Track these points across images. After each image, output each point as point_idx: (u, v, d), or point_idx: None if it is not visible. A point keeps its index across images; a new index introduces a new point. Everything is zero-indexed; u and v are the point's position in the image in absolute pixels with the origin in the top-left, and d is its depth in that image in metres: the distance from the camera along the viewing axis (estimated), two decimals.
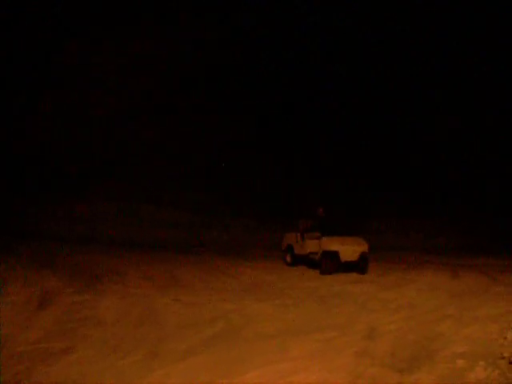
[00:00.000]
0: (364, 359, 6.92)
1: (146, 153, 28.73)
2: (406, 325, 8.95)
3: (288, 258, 17.67)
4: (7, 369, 6.15)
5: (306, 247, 16.69)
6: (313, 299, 11.27)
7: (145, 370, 6.35)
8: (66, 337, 7.63)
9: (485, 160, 34.25)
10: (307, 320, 9.12)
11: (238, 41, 31.49)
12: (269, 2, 31.97)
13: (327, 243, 15.86)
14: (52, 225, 23.71)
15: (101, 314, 9.12)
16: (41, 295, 10.17)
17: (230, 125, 30.28)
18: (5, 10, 26.62)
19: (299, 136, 31.61)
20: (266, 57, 32.50)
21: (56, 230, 22.96)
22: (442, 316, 9.62)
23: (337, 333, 8.32)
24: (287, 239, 17.92)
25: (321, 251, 15.97)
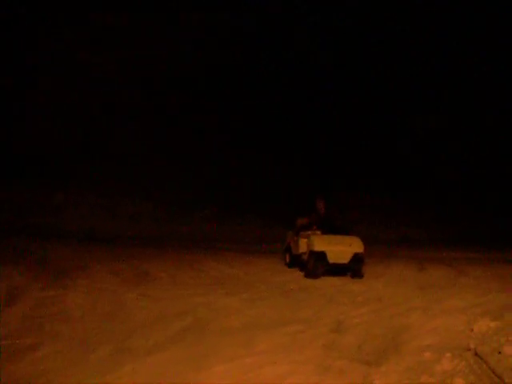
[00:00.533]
0: (331, 352, 6.92)
1: (138, 149, 28.65)
2: (374, 318, 8.98)
3: (287, 259, 16.07)
4: None
5: (299, 247, 15.11)
6: (281, 293, 11.27)
7: (112, 365, 6.28)
8: (33, 333, 7.53)
9: (467, 154, 34.65)
10: (275, 314, 9.11)
11: (238, 41, 31.45)
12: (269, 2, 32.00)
13: (313, 242, 13.94)
14: (24, 216, 23.46)
15: (68, 310, 9.02)
16: (7, 292, 10.03)
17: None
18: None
19: (283, 125, 31.73)
20: (266, 57, 32.56)
21: (27, 222, 22.74)
22: (410, 309, 9.67)
23: (304, 326, 8.32)
24: (287, 238, 16.31)
25: (307, 251, 14.25)
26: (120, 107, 29.07)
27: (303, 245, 14.74)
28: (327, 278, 13.72)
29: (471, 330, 7.82)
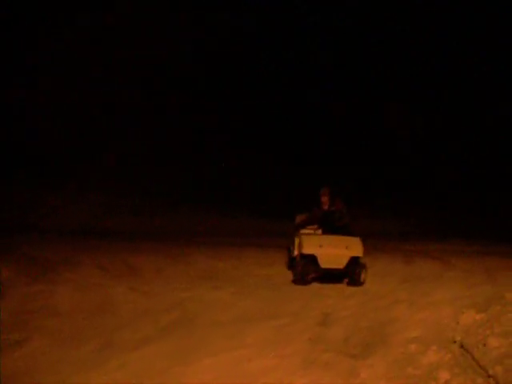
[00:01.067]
0: (318, 345, 6.98)
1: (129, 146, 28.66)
2: (360, 311, 9.04)
3: (288, 260, 14.20)
4: None
5: (294, 248, 13.12)
6: (268, 287, 11.31)
7: (100, 360, 6.33)
8: (21, 328, 7.54)
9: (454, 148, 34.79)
10: (262, 307, 9.16)
11: (238, 41, 31.43)
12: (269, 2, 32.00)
13: (302, 243, 12.12)
14: (13, 212, 23.37)
15: (56, 305, 9.02)
16: None
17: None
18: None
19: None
20: (266, 57, 32.56)
21: (15, 218, 22.66)
22: (396, 301, 9.72)
23: (291, 320, 8.37)
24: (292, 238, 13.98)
25: (298, 254, 12.43)
26: (120, 107, 29.02)
27: (296, 246, 12.77)
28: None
29: (457, 323, 7.86)
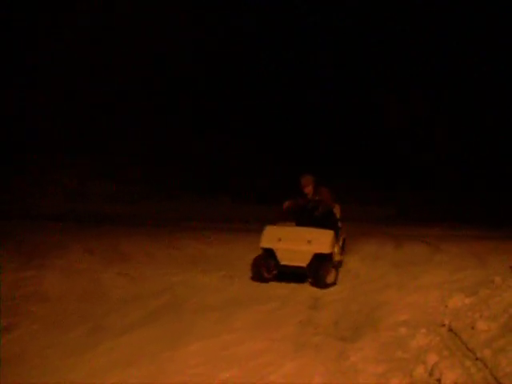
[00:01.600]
0: (307, 329, 6.99)
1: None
2: (350, 294, 9.06)
3: None
4: None
5: None
6: None
7: (89, 344, 6.33)
8: (9, 314, 7.52)
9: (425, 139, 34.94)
10: (251, 292, 9.16)
11: (238, 41, 31.37)
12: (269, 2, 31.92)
13: (262, 236, 10.58)
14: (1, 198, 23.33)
15: (44, 290, 9.01)
16: None
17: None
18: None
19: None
20: (266, 57, 32.52)
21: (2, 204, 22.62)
22: (385, 285, 9.74)
23: (281, 304, 8.38)
24: None
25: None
26: (120, 107, 29.01)
27: None
28: None
29: (446, 306, 7.89)
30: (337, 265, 10.63)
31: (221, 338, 6.53)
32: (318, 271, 9.81)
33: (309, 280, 10.09)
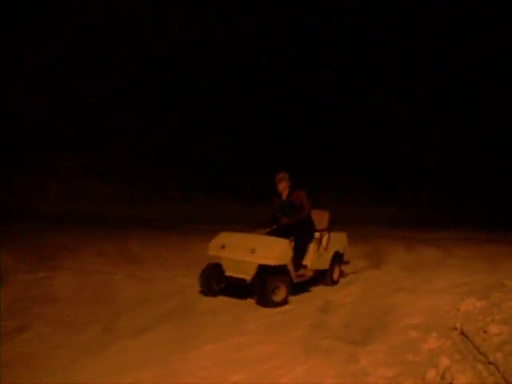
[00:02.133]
0: (319, 331, 6.98)
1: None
2: (361, 298, 9.04)
3: None
4: None
5: None
6: None
7: (100, 346, 6.31)
8: (21, 315, 7.53)
9: (436, 139, 34.87)
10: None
11: (238, 41, 31.41)
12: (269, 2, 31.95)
13: (212, 242, 9.38)
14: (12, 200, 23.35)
15: (55, 292, 9.01)
16: None
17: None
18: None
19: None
20: (266, 57, 32.55)
21: (13, 206, 22.65)
22: (396, 288, 9.73)
23: (292, 306, 8.38)
24: None
25: None
26: (120, 107, 29.05)
27: None
28: None
29: (457, 310, 7.89)
30: (282, 280, 8.66)
31: (232, 341, 6.52)
32: (262, 287, 8.35)
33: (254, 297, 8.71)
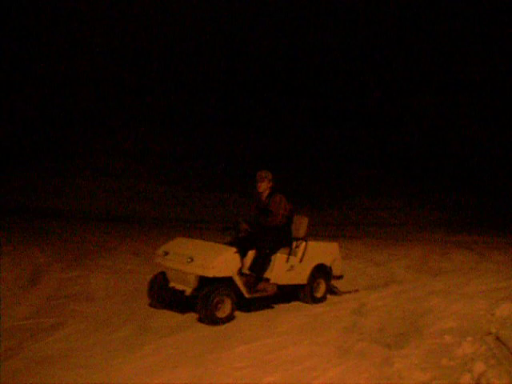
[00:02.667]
0: (352, 334, 6.96)
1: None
2: (395, 301, 8.99)
3: None
4: None
5: None
6: None
7: (135, 345, 6.38)
8: (56, 313, 7.64)
9: (472, 139, 34.55)
10: (294, 296, 9.15)
11: (238, 41, 31.54)
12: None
13: (159, 248, 8.46)
14: (34, 199, 23.59)
15: (91, 290, 9.12)
16: (30, 272, 10.13)
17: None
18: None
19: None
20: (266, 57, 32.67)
21: (38, 205, 22.88)
22: (431, 292, 9.66)
23: (325, 308, 8.37)
24: None
25: None
26: (120, 107, 29.24)
27: None
28: (347, 261, 12.99)
29: (492, 315, 7.81)
30: (227, 294, 7.61)
31: (265, 342, 6.54)
32: (202, 301, 7.32)
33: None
